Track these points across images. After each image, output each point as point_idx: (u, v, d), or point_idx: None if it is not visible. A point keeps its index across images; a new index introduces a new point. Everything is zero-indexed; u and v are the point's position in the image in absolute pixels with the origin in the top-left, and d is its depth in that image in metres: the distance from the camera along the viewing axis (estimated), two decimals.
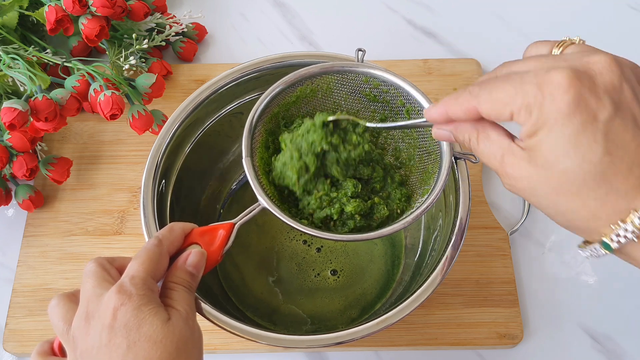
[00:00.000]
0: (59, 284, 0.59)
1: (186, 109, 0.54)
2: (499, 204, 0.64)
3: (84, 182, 0.65)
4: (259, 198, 0.44)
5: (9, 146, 0.59)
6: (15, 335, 0.57)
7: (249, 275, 0.59)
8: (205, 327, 0.56)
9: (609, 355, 0.57)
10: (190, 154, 0.57)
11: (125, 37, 0.70)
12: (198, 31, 0.74)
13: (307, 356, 0.57)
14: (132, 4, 0.66)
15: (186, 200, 0.58)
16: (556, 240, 0.62)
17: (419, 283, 0.47)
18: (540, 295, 0.59)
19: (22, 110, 0.55)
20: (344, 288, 0.59)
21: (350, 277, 0.59)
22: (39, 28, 0.69)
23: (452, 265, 0.48)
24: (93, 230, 0.62)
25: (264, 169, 0.48)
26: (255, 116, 0.48)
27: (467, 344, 0.56)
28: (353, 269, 0.59)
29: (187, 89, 0.70)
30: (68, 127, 0.67)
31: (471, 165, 0.64)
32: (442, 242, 0.51)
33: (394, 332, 0.56)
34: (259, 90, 0.56)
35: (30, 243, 0.61)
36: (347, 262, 0.60)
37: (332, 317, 0.58)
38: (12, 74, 0.59)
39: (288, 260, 0.60)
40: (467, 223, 0.49)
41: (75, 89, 0.60)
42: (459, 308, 0.58)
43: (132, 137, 0.66)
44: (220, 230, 0.44)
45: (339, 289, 0.59)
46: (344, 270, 0.59)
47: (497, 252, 0.60)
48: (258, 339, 0.45)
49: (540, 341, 0.57)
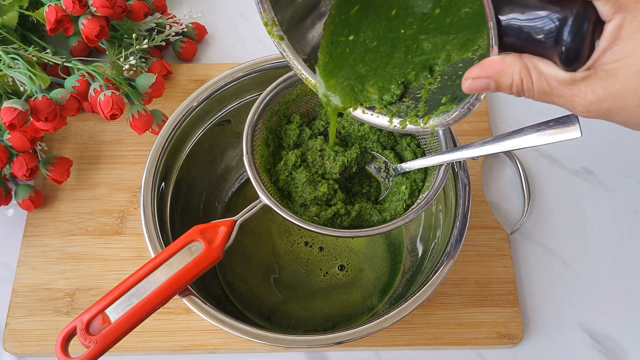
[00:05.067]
0: (59, 284, 0.59)
1: (186, 109, 0.54)
2: (499, 204, 0.64)
3: (84, 182, 0.65)
4: (260, 195, 0.45)
5: (9, 146, 0.59)
6: (15, 335, 0.57)
7: (258, 289, 0.59)
8: (205, 327, 0.57)
9: (609, 355, 0.57)
10: (191, 153, 0.57)
11: (125, 37, 0.70)
12: (198, 31, 0.74)
13: (307, 356, 0.57)
14: (132, 4, 0.66)
15: (186, 199, 0.58)
16: (556, 240, 0.62)
17: (419, 283, 0.48)
18: (540, 295, 0.59)
19: (22, 110, 0.55)
20: (356, 280, 0.59)
21: (358, 268, 0.59)
22: (39, 28, 0.69)
23: (452, 265, 0.48)
24: (93, 230, 0.62)
25: (264, 166, 0.48)
26: (256, 114, 0.48)
27: (467, 344, 0.56)
28: (359, 259, 0.60)
29: (187, 89, 0.70)
30: (68, 127, 0.67)
31: (471, 165, 0.64)
32: (442, 242, 0.51)
33: (394, 332, 0.56)
34: (259, 90, 0.56)
35: (30, 243, 0.61)
36: (352, 255, 0.60)
37: (353, 311, 0.58)
38: (12, 74, 0.59)
39: (293, 264, 0.60)
40: (467, 223, 0.49)
41: (75, 89, 0.60)
42: (459, 308, 0.58)
43: (132, 137, 0.66)
44: (221, 227, 0.44)
45: (352, 282, 0.59)
46: (350, 263, 0.60)
47: (497, 252, 0.60)
48: (258, 339, 0.45)
49: (540, 341, 0.57)
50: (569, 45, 0.29)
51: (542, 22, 0.30)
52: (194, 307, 0.46)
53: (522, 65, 0.32)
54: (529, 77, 0.32)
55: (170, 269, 0.43)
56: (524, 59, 0.32)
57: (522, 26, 0.31)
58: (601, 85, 0.30)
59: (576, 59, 0.30)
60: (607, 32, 0.29)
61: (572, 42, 0.29)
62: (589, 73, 0.30)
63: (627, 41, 0.29)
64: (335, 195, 0.47)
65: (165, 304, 0.43)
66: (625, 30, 0.29)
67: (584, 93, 0.31)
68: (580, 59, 0.30)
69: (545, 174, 0.66)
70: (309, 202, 0.46)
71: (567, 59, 0.30)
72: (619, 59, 0.29)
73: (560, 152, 0.67)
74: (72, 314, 0.57)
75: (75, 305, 0.58)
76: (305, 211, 0.47)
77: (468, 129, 0.66)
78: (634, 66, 0.29)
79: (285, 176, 0.47)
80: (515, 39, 0.31)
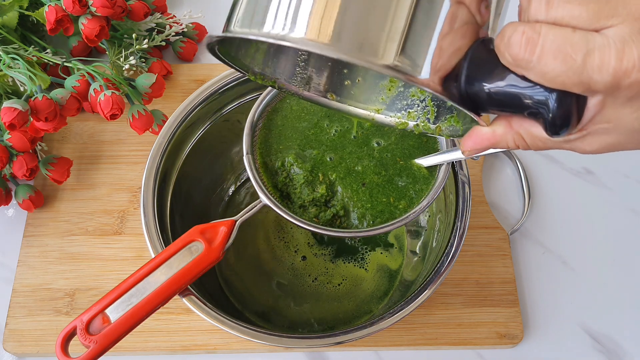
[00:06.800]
0: (59, 284, 0.59)
1: (186, 109, 0.54)
2: (499, 204, 0.64)
3: (84, 182, 0.65)
4: (260, 195, 0.45)
5: (9, 146, 0.59)
6: (15, 335, 0.57)
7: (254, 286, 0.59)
8: (205, 327, 0.57)
9: (609, 355, 0.57)
10: (191, 153, 0.57)
11: (125, 37, 0.70)
12: (198, 31, 0.74)
13: (307, 356, 0.57)
14: (132, 4, 0.66)
15: (186, 199, 0.58)
16: (556, 240, 0.62)
17: (419, 284, 0.48)
18: (540, 295, 0.59)
19: (22, 110, 0.55)
20: (357, 279, 0.59)
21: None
22: (39, 28, 0.69)
23: (452, 265, 0.48)
24: (93, 230, 0.62)
25: (264, 166, 0.48)
26: (256, 114, 0.48)
27: (467, 344, 0.56)
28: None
29: (187, 89, 0.70)
30: (68, 127, 0.67)
31: (471, 165, 0.64)
32: (442, 242, 0.51)
33: (394, 332, 0.56)
34: (259, 91, 0.56)
35: (30, 243, 0.61)
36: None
37: (353, 309, 0.58)
38: (12, 74, 0.59)
39: (293, 264, 0.60)
40: (467, 223, 0.49)
41: (75, 89, 0.60)
42: (459, 308, 0.58)
43: (132, 137, 0.66)
44: (221, 227, 0.44)
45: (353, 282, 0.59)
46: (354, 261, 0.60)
47: (497, 252, 0.60)
48: (258, 339, 0.45)
49: (540, 341, 0.57)
50: (555, 116, 0.29)
51: (532, 91, 0.29)
52: (194, 307, 0.46)
53: (515, 134, 0.32)
54: (523, 141, 0.32)
55: (170, 269, 0.43)
56: (514, 126, 0.32)
57: (504, 96, 0.30)
58: (597, 141, 0.31)
59: (563, 129, 0.29)
60: (591, 105, 0.29)
61: (557, 114, 0.29)
62: (582, 134, 0.31)
63: (614, 107, 0.29)
64: (335, 197, 0.47)
65: (165, 304, 0.43)
66: (609, 100, 0.29)
67: (580, 147, 0.32)
68: (567, 129, 0.30)
69: (545, 174, 0.66)
70: (307, 204, 0.46)
71: (553, 129, 0.29)
72: (610, 120, 0.29)
73: (560, 151, 0.67)
74: (72, 314, 0.57)
75: (75, 305, 0.58)
76: (304, 212, 0.47)
77: None
78: (628, 124, 0.29)
79: (284, 177, 0.47)
80: (497, 108, 0.31)
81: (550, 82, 0.28)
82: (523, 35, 0.28)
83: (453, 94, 0.31)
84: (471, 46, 0.31)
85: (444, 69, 0.30)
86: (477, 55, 0.30)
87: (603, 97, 0.28)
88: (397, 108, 0.44)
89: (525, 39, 0.28)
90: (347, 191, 0.46)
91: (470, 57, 0.30)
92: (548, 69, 0.27)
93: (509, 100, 0.30)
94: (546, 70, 0.27)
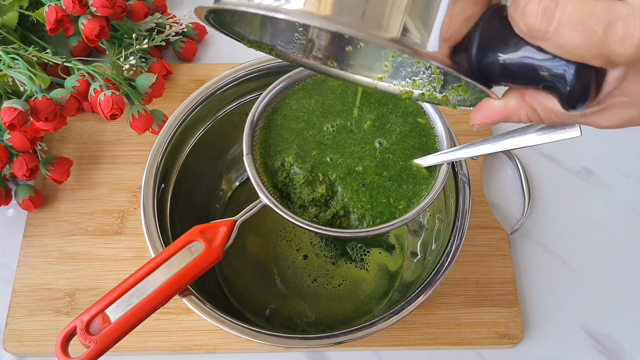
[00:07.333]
0: (59, 284, 0.59)
1: (186, 109, 0.54)
2: (499, 204, 0.64)
3: (84, 182, 0.65)
4: (260, 195, 0.45)
5: (9, 146, 0.59)
6: (15, 335, 0.57)
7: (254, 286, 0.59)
8: (205, 327, 0.57)
9: (609, 355, 0.57)
10: (191, 153, 0.57)
11: (125, 37, 0.70)
12: (198, 31, 0.74)
13: (307, 356, 0.57)
14: (132, 4, 0.66)
15: (186, 199, 0.58)
16: (556, 240, 0.62)
17: (419, 284, 0.48)
18: (540, 295, 0.59)
19: (22, 110, 0.55)
20: (356, 280, 0.59)
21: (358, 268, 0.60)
22: (39, 28, 0.69)
23: (452, 265, 0.48)
24: (93, 230, 0.62)
25: (264, 166, 0.48)
26: (256, 114, 0.48)
27: (467, 344, 0.56)
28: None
29: (187, 89, 0.70)
30: (68, 127, 0.67)
31: (471, 165, 0.64)
32: (442, 242, 0.51)
33: (394, 332, 0.56)
34: (259, 91, 0.56)
35: (30, 243, 0.61)
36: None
37: (353, 310, 0.58)
38: (12, 74, 0.59)
39: (293, 265, 0.60)
40: (467, 223, 0.49)
41: (75, 89, 0.60)
42: (459, 308, 0.58)
43: (132, 137, 0.66)
44: (221, 227, 0.44)
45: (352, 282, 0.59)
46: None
47: (497, 252, 0.60)
48: (258, 339, 0.45)
49: (540, 341, 0.57)
50: (572, 90, 0.27)
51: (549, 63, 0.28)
52: (194, 307, 0.46)
53: (528, 107, 0.31)
54: (536, 115, 0.31)
55: (170, 269, 0.43)
56: (527, 100, 0.31)
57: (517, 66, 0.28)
58: (615, 115, 0.29)
59: (580, 103, 0.28)
60: (611, 78, 0.28)
61: (575, 88, 0.27)
62: (600, 107, 0.29)
63: (635, 80, 0.27)
64: (335, 197, 0.47)
65: (165, 304, 0.43)
66: (630, 73, 0.27)
67: (597, 122, 0.30)
68: (584, 103, 0.28)
69: (545, 174, 0.66)
70: (307, 204, 0.46)
71: (570, 103, 0.28)
72: (630, 94, 0.28)
73: (560, 151, 0.67)
74: (72, 314, 0.57)
75: (75, 305, 0.58)
76: (304, 212, 0.46)
77: (468, 128, 0.66)
78: None
79: (284, 177, 0.47)
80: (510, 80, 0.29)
81: (568, 55, 0.26)
82: (540, 4, 0.26)
83: (463, 66, 0.29)
84: (483, 14, 0.29)
85: (453, 38, 0.28)
86: (490, 25, 0.29)
87: (624, 70, 0.27)
88: (401, 76, 0.42)
89: (541, 8, 0.26)
90: (347, 191, 0.46)
91: (482, 26, 0.29)
92: (566, 41, 0.26)
93: (523, 73, 0.28)
94: (564, 42, 0.26)
